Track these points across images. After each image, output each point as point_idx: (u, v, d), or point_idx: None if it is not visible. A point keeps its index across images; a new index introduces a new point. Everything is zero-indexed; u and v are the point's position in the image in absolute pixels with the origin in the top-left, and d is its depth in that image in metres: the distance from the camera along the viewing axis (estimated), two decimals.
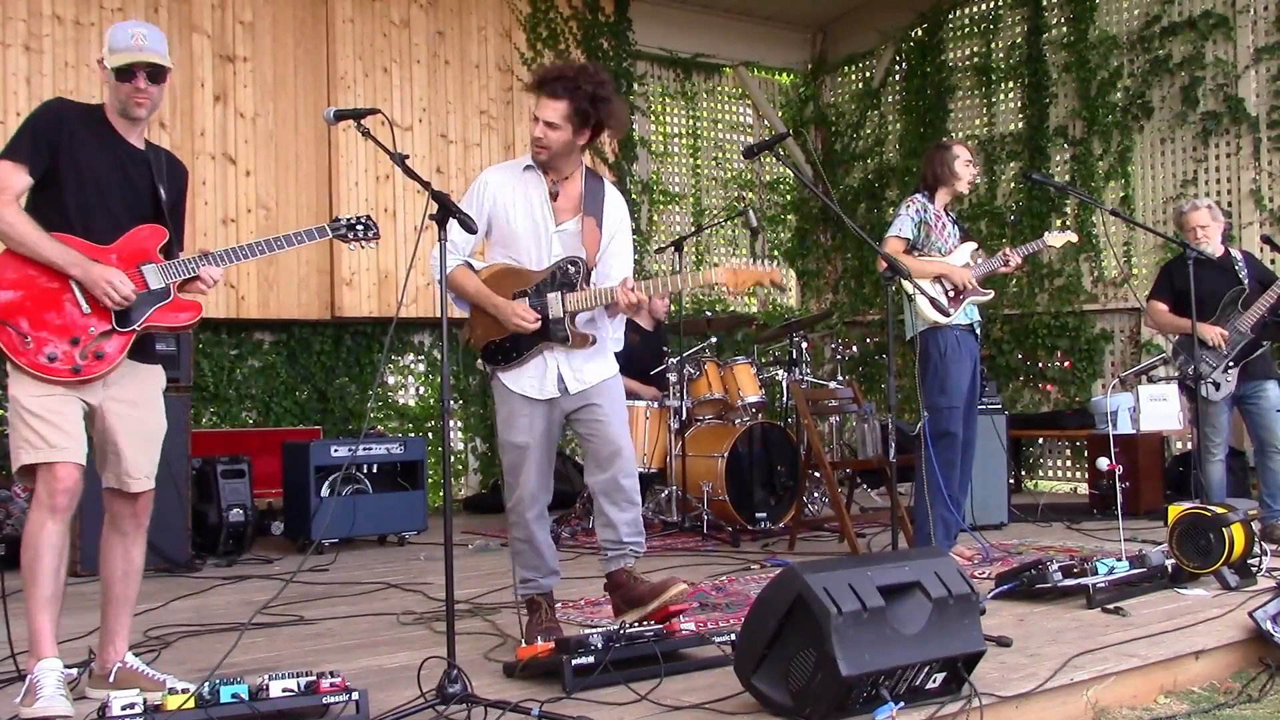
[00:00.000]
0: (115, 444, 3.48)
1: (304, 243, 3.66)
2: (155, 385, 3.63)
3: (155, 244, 3.52)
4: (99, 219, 3.43)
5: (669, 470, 7.25)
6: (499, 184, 4.05)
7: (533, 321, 3.92)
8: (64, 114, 3.49)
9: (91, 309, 3.38)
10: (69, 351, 3.34)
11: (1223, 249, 6.40)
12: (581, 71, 3.95)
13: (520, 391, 3.98)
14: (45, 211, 3.39)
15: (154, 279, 3.47)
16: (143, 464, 3.54)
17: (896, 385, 4.70)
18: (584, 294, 3.93)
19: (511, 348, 3.98)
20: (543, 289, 3.97)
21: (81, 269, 3.35)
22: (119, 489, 3.53)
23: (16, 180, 3.35)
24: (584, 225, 4.01)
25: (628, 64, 9.86)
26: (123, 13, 7.26)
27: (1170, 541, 4.95)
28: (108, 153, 3.47)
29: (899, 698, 3.11)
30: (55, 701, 3.21)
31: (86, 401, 3.42)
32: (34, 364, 3.30)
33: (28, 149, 3.38)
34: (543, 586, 4.12)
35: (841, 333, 10.75)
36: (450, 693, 3.18)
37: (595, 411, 3.98)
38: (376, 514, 6.91)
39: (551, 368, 3.97)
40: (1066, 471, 9.70)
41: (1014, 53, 9.85)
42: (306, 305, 7.99)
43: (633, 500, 4.00)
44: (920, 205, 5.71)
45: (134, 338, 3.46)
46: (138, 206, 3.52)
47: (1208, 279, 6.22)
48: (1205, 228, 6.30)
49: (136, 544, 3.62)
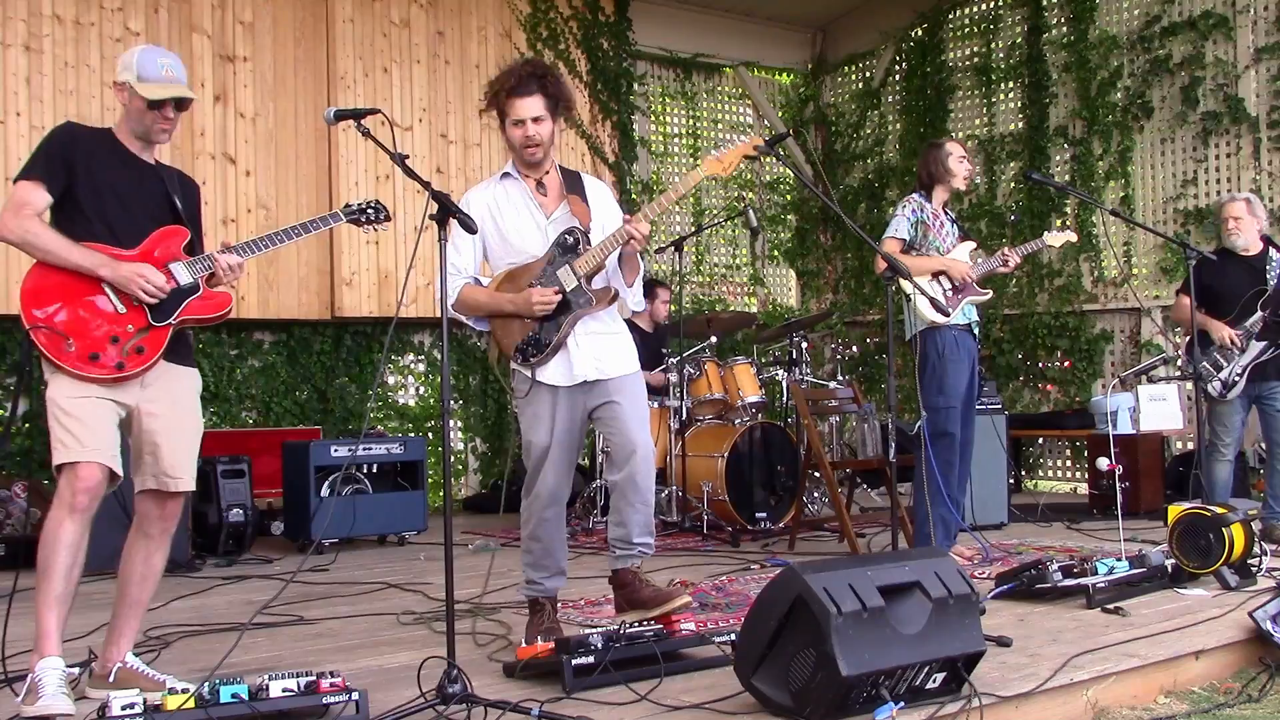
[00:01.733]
0: (154, 443, 3.52)
1: (319, 229, 3.72)
2: (191, 387, 3.67)
3: (179, 243, 3.59)
4: (122, 227, 3.50)
5: (669, 470, 7.25)
6: (482, 201, 4.07)
7: (553, 298, 3.93)
8: (77, 135, 3.57)
9: (126, 308, 3.45)
10: (111, 350, 3.41)
11: (1260, 246, 6.30)
12: (533, 64, 4.03)
13: (549, 381, 3.98)
14: (69, 227, 3.47)
15: (182, 275, 3.54)
16: (183, 463, 3.57)
17: (896, 385, 4.70)
18: (589, 253, 3.95)
19: (543, 335, 3.98)
20: (550, 269, 3.98)
21: (110, 269, 3.42)
22: (157, 489, 3.55)
23: (37, 197, 3.43)
24: (570, 204, 4.05)
25: (628, 64, 9.86)
26: (122, 12, 7.26)
27: (1170, 541, 4.95)
28: (124, 168, 3.55)
29: (899, 698, 3.11)
30: (57, 700, 3.22)
31: (123, 403, 3.46)
32: (77, 365, 3.36)
33: (43, 168, 3.46)
34: (548, 589, 4.12)
35: (841, 333, 10.75)
36: (450, 693, 3.18)
37: (615, 409, 3.98)
38: (376, 514, 6.92)
39: (577, 356, 3.98)
40: (1066, 471, 9.70)
41: (1014, 53, 9.85)
42: (306, 305, 7.99)
43: (646, 501, 4.00)
44: (916, 205, 5.71)
45: (171, 332, 3.51)
46: (157, 213, 3.58)
47: (1234, 276, 6.17)
48: (1239, 219, 6.23)
49: (160, 549, 3.65)
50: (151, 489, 3.56)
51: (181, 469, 3.56)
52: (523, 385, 4.04)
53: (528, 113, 3.93)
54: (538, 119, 3.93)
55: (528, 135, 3.96)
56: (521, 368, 4.03)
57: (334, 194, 8.03)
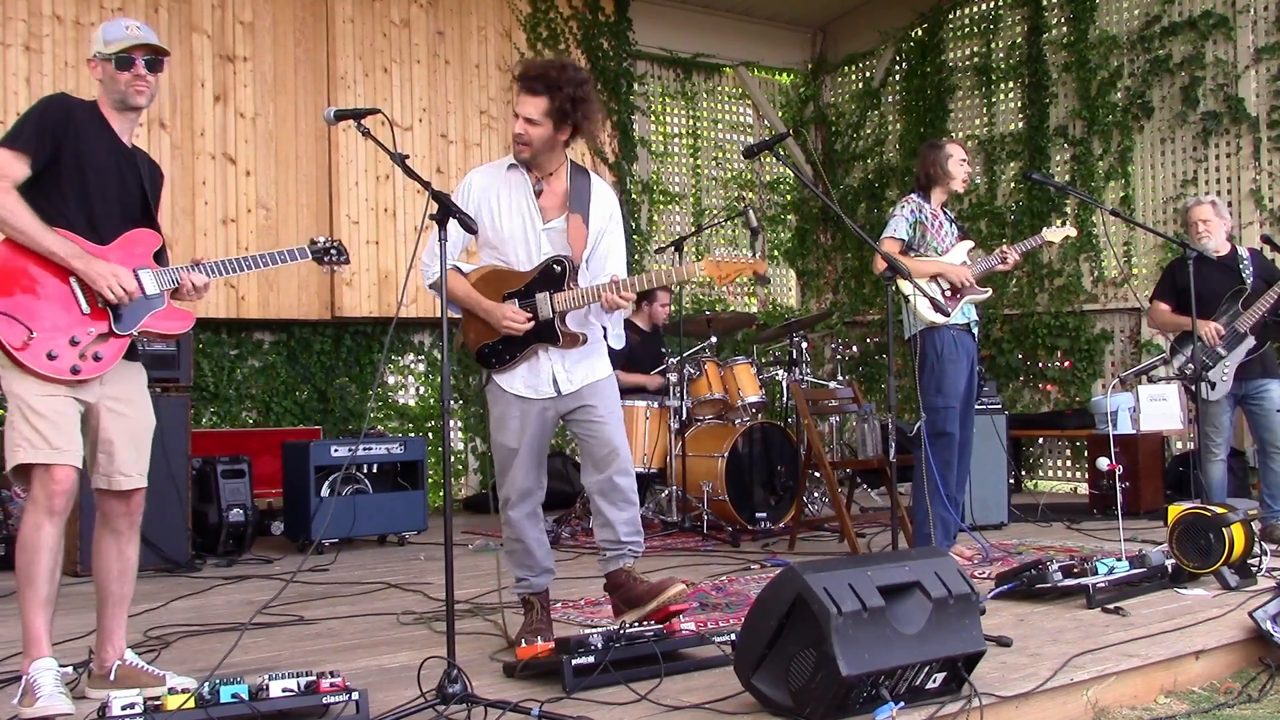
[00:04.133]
0: (108, 442, 3.47)
1: (284, 263, 3.67)
2: (142, 382, 3.64)
3: (151, 249, 3.53)
4: (97, 216, 3.43)
5: (669, 470, 7.25)
6: (483, 185, 4.03)
7: (523, 323, 3.91)
8: (70, 108, 3.48)
9: (91, 309, 3.38)
10: (69, 351, 3.33)
11: (1228, 247, 6.39)
12: (564, 71, 3.91)
13: (514, 392, 3.98)
14: (43, 205, 3.36)
15: (150, 285, 3.47)
16: (134, 462, 3.53)
17: (897, 385, 4.70)
18: (571, 293, 3.91)
19: (505, 349, 3.97)
20: (531, 289, 3.95)
21: (84, 262, 3.34)
22: (108, 488, 3.51)
23: (16, 169, 3.33)
24: (570, 223, 3.98)
25: (628, 64, 9.86)
26: (123, 12, 7.25)
27: (1170, 541, 4.95)
28: (107, 150, 3.48)
29: (899, 698, 3.11)
30: (55, 700, 3.21)
31: (83, 400, 3.41)
32: (35, 362, 3.29)
33: (31, 139, 3.36)
34: (535, 586, 4.10)
35: (841, 333, 10.75)
36: (450, 693, 3.17)
37: (590, 413, 3.97)
38: (376, 514, 6.91)
39: (545, 367, 3.97)
40: (1066, 471, 9.70)
41: (1014, 53, 9.85)
42: (306, 305, 7.99)
43: (630, 500, 3.99)
44: (915, 205, 5.71)
45: (130, 342, 3.46)
46: (130, 207, 3.53)
47: (1210, 277, 6.21)
48: (1207, 222, 6.30)
49: (130, 542, 3.60)
50: (102, 488, 3.51)
51: (132, 467, 3.51)
52: (488, 382, 4.04)
53: (524, 110, 3.90)
54: (532, 120, 3.88)
55: (515, 131, 3.93)
56: (482, 367, 4.04)
57: (334, 194, 8.03)
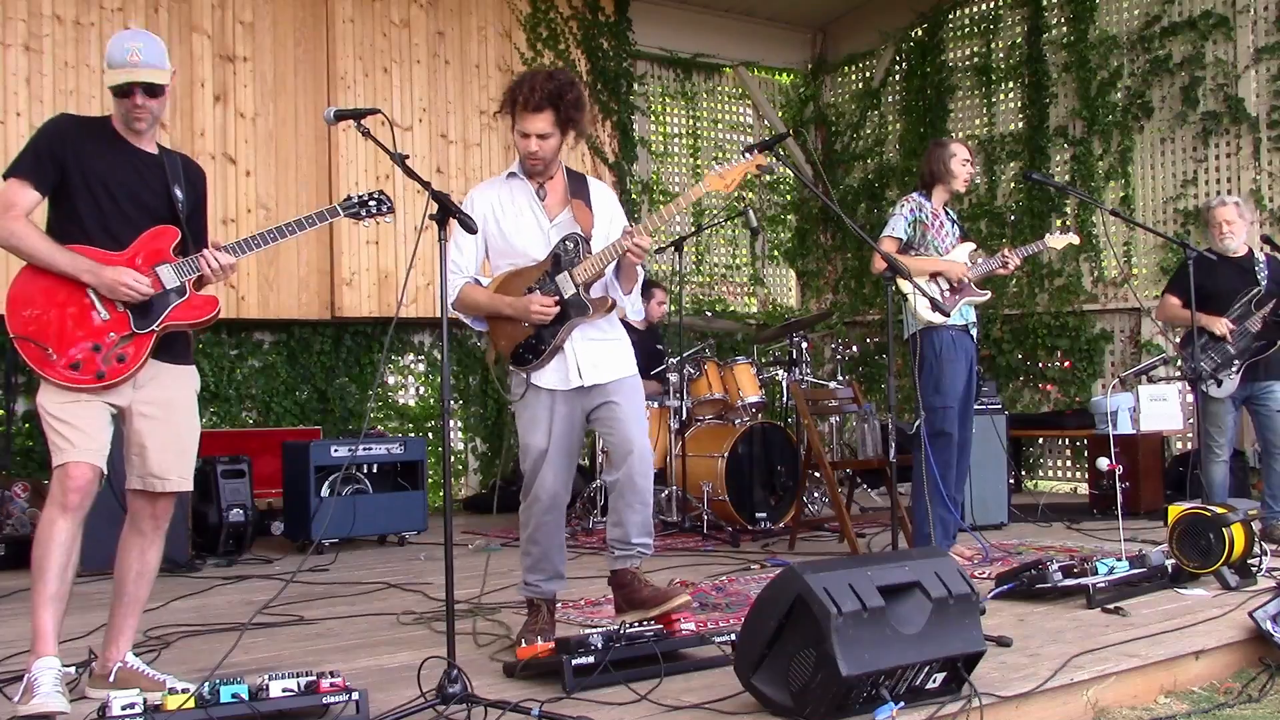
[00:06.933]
0: (141, 444, 3.51)
1: (315, 225, 3.64)
2: (187, 386, 3.65)
3: (168, 244, 3.54)
4: (116, 225, 3.46)
5: (669, 470, 7.25)
6: (485, 200, 4.08)
7: (551, 307, 3.93)
8: (66, 129, 3.52)
9: (109, 314, 3.42)
10: (91, 358, 3.38)
11: (1245, 248, 6.40)
12: (557, 79, 3.95)
13: (546, 386, 3.99)
14: (63, 224, 3.45)
15: (169, 278, 3.50)
16: (171, 465, 3.55)
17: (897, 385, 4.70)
18: (588, 261, 3.96)
19: (538, 342, 3.99)
20: (549, 275, 3.99)
21: (93, 274, 3.39)
22: (142, 489, 3.55)
23: (23, 197, 3.40)
24: (574, 209, 4.05)
25: (628, 64, 9.86)
26: (123, 12, 7.25)
27: (1170, 541, 4.95)
28: (119, 160, 3.50)
29: (899, 698, 3.11)
30: (51, 699, 3.22)
31: (115, 404, 3.45)
32: (60, 375, 3.36)
33: (31, 165, 3.43)
34: (545, 591, 4.11)
35: (841, 333, 10.74)
36: (450, 693, 3.18)
37: (613, 410, 3.99)
38: (376, 514, 6.91)
39: (572, 360, 3.98)
40: (1066, 471, 9.70)
41: (1014, 53, 9.85)
42: (306, 305, 7.99)
43: (645, 501, 4.01)
44: (915, 205, 5.71)
45: (155, 338, 3.48)
46: (154, 210, 3.54)
47: (1225, 277, 6.23)
48: (1230, 224, 6.32)
49: (154, 546, 3.64)
50: (136, 488, 3.55)
51: (169, 470, 3.54)
52: (519, 388, 4.04)
53: (534, 129, 3.93)
54: (544, 135, 3.94)
55: (530, 150, 3.97)
56: (518, 370, 4.04)
57: (334, 194, 8.01)
